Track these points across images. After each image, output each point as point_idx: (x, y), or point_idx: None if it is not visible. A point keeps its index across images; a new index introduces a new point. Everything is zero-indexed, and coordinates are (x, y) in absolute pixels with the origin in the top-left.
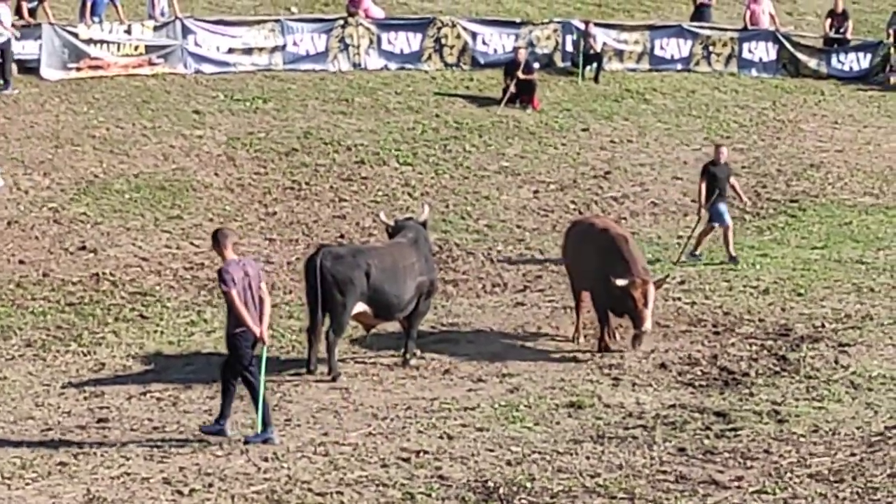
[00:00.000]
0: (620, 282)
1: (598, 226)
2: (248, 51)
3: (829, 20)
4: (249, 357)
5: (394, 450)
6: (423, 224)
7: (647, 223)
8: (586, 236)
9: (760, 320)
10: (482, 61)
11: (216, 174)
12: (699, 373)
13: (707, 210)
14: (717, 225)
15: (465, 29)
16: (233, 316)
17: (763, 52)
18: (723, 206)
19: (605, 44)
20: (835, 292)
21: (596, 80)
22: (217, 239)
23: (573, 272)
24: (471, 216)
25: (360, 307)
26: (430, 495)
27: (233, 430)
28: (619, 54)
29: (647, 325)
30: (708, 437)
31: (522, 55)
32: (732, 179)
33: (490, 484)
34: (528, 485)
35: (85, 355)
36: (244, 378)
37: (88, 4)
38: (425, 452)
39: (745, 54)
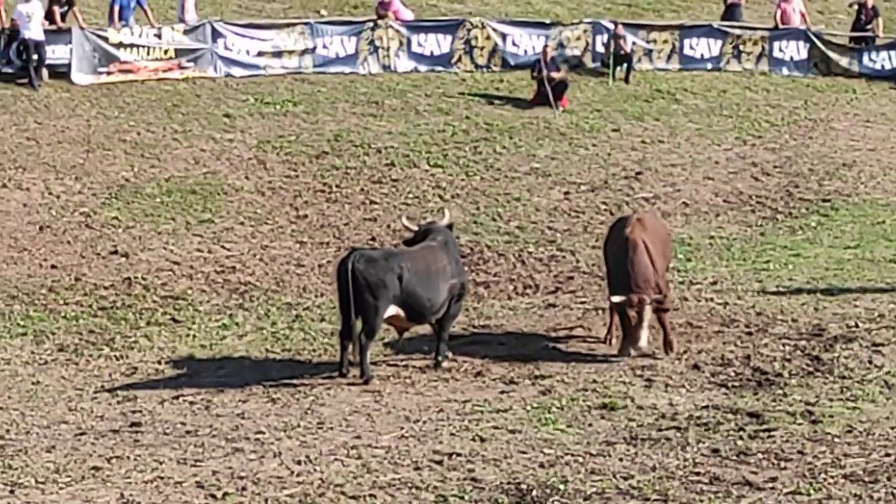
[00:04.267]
0: (615, 299)
1: (621, 227)
2: (278, 54)
3: (857, 13)
4: None
5: (426, 452)
6: (449, 227)
7: (678, 224)
8: (612, 235)
9: (793, 320)
10: (512, 62)
11: (247, 177)
12: (732, 373)
13: None
14: None
15: (494, 30)
16: None
17: (794, 50)
18: None
19: (634, 44)
20: (868, 292)
21: (626, 80)
22: None
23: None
24: (501, 218)
25: (393, 310)
26: (462, 498)
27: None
28: (649, 54)
29: (641, 343)
30: (741, 438)
31: (549, 52)
32: None
33: (523, 486)
34: (562, 487)
35: (117, 359)
36: None
37: (116, 9)
38: (458, 455)
39: (776, 53)
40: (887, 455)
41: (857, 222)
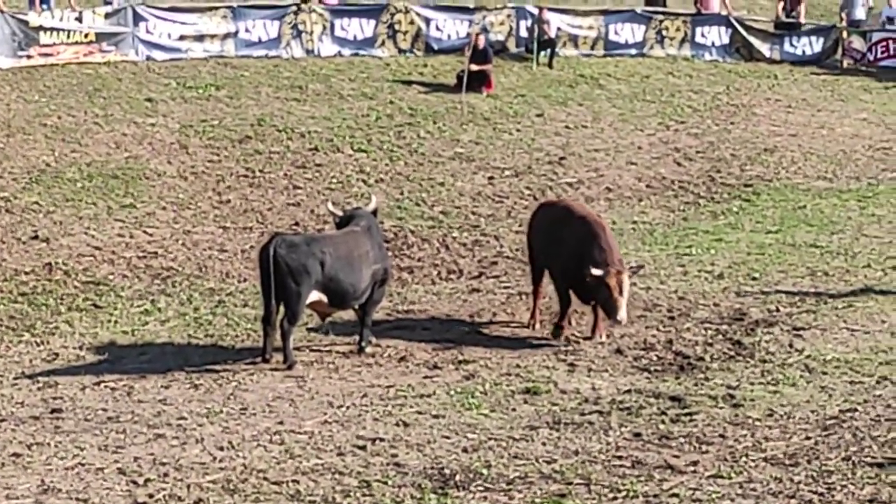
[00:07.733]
0: (596, 271)
1: (577, 212)
2: (200, 37)
3: (781, 3)
4: None
5: (350, 437)
6: (374, 213)
7: (601, 209)
8: (562, 219)
9: (715, 305)
10: (436, 47)
11: (169, 162)
12: (654, 358)
13: None
14: None
15: (418, 15)
16: None
17: (716, 36)
18: None
19: (559, 29)
20: (789, 276)
21: (550, 65)
22: None
23: (539, 253)
24: (426, 203)
25: (315, 296)
26: (386, 483)
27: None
28: (574, 39)
29: (622, 314)
30: (663, 422)
31: (480, 41)
32: None
33: (446, 471)
34: (485, 471)
35: (38, 345)
36: None
37: None
38: (381, 440)
39: (699, 38)
40: (808, 438)
41: (778, 207)
